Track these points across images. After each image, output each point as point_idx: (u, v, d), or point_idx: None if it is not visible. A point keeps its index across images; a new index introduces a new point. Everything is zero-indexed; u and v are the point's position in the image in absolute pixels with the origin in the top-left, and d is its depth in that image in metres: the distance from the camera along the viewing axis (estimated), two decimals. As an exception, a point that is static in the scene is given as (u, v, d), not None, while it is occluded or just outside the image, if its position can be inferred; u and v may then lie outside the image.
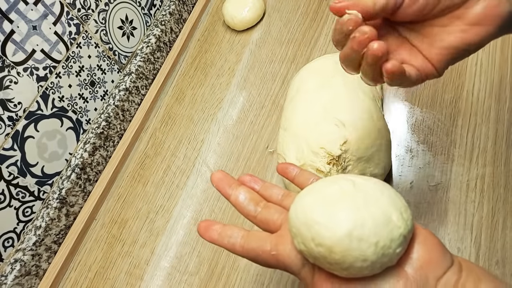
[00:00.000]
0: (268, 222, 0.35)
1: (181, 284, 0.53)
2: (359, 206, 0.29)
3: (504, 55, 0.56)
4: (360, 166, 0.48)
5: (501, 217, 0.45)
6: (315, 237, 0.29)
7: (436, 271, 0.29)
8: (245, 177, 0.40)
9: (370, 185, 0.31)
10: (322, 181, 0.34)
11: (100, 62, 0.69)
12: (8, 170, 0.56)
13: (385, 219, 0.28)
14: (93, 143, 0.65)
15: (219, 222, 0.36)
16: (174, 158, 0.65)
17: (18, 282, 0.55)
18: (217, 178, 0.39)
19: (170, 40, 0.80)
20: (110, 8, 0.70)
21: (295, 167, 0.41)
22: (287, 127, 0.54)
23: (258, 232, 0.35)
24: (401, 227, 0.28)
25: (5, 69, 0.55)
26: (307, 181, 0.39)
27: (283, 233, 0.33)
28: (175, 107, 0.72)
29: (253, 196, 0.38)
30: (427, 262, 0.29)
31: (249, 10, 0.75)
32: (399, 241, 0.28)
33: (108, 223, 0.62)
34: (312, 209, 0.30)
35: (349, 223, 0.28)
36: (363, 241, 0.27)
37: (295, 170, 0.41)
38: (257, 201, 0.37)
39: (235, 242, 0.34)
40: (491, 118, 0.52)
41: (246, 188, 0.38)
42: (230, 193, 0.38)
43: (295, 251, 0.32)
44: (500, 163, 0.48)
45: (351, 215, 0.28)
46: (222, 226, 0.36)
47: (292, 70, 0.68)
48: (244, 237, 0.34)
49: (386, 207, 0.29)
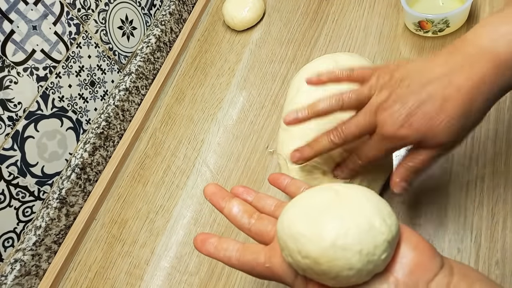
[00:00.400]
0: (262, 234, 0.36)
1: (181, 284, 0.53)
2: (342, 215, 0.29)
3: (504, 55, 0.56)
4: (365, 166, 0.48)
5: (501, 217, 0.45)
6: (301, 250, 0.29)
7: (426, 275, 0.29)
8: (238, 188, 0.40)
9: (353, 193, 0.31)
10: (306, 192, 0.34)
11: (100, 62, 0.69)
12: (8, 170, 0.56)
13: (368, 227, 0.28)
14: (93, 143, 0.65)
15: (215, 235, 0.36)
16: (174, 158, 0.65)
17: (18, 282, 0.55)
18: (210, 192, 0.39)
19: (170, 40, 0.80)
20: (110, 8, 0.70)
21: (286, 176, 0.41)
22: (287, 127, 0.54)
23: (252, 245, 0.35)
24: (384, 233, 0.28)
25: (5, 69, 0.55)
26: (298, 190, 0.39)
27: (275, 245, 0.34)
28: (175, 107, 0.72)
29: (246, 208, 0.38)
30: (416, 266, 0.29)
31: (249, 10, 0.75)
32: (383, 247, 0.28)
33: (108, 223, 0.62)
34: (296, 221, 0.31)
35: (332, 233, 0.28)
36: (347, 250, 0.28)
37: (286, 179, 0.41)
38: (250, 213, 0.37)
39: (231, 256, 0.35)
40: (491, 118, 0.52)
41: (239, 200, 0.38)
42: (223, 205, 0.38)
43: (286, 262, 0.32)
44: (500, 163, 0.48)
45: (334, 225, 0.29)
46: (218, 239, 0.36)
47: (292, 70, 0.68)
48: (239, 250, 0.35)
49: (369, 215, 0.29)
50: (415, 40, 0.62)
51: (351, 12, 0.70)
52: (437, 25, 0.59)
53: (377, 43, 0.65)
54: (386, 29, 0.66)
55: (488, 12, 0.61)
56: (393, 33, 0.65)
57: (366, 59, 0.60)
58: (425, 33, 0.61)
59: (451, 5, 0.61)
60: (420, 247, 0.30)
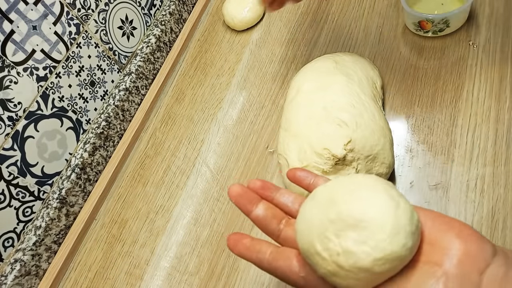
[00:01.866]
0: (291, 241, 0.34)
1: (181, 284, 0.53)
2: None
3: (504, 55, 0.56)
4: (367, 165, 0.48)
5: (501, 217, 0.45)
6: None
7: (478, 264, 0.26)
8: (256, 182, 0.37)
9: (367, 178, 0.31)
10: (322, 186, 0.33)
11: (100, 62, 0.69)
12: (8, 170, 0.56)
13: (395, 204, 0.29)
14: (93, 143, 0.65)
15: (249, 236, 0.35)
16: (174, 158, 0.65)
17: (18, 282, 0.55)
18: (236, 193, 0.36)
19: (170, 40, 0.80)
20: (110, 8, 0.70)
21: (309, 173, 0.38)
22: (288, 127, 0.54)
23: (287, 250, 0.33)
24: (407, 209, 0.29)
25: (5, 69, 0.55)
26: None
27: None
28: (175, 107, 0.72)
29: (275, 213, 0.35)
30: (465, 256, 0.27)
31: (249, 10, 0.75)
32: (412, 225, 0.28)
33: (108, 223, 0.62)
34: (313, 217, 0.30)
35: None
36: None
37: (310, 177, 0.38)
38: (279, 218, 0.35)
39: (263, 258, 0.33)
40: (491, 118, 0.52)
41: (267, 204, 0.36)
42: (250, 209, 0.35)
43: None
44: (500, 163, 0.48)
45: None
46: (251, 240, 0.34)
47: (292, 70, 0.68)
48: (273, 253, 0.33)
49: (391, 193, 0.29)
50: (415, 40, 0.63)
51: (351, 12, 0.70)
52: (437, 25, 0.59)
53: (377, 43, 0.65)
54: (386, 29, 0.66)
55: (488, 12, 0.61)
56: (393, 33, 0.65)
57: (366, 59, 0.60)
58: (425, 33, 0.61)
59: (451, 5, 0.61)
60: (465, 235, 0.28)
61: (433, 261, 0.28)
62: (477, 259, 0.27)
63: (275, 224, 0.35)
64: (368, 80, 0.55)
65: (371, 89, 0.54)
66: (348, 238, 0.28)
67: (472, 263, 0.27)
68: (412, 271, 0.28)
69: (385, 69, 0.61)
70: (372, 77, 0.56)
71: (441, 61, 0.59)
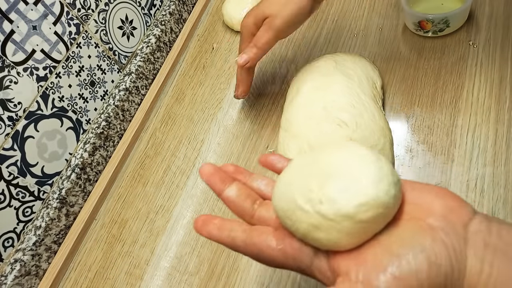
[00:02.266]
0: (267, 221, 0.33)
1: (181, 284, 0.53)
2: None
3: (504, 55, 0.56)
4: None
5: (501, 217, 0.45)
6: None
7: (461, 218, 0.27)
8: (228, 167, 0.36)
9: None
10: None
11: (100, 62, 0.69)
12: (8, 170, 0.56)
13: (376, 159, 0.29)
14: (93, 143, 0.65)
15: (218, 216, 0.33)
16: (174, 158, 0.65)
17: (18, 282, 0.55)
18: (207, 172, 0.34)
19: (170, 40, 0.80)
20: (110, 8, 0.70)
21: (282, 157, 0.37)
22: (288, 127, 0.54)
23: (261, 227, 0.32)
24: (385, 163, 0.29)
25: (5, 69, 0.55)
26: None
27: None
28: (175, 107, 0.72)
29: (249, 193, 0.34)
30: (448, 210, 0.27)
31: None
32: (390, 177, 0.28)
33: (108, 223, 0.62)
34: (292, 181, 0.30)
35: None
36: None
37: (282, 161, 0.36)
38: (253, 199, 0.34)
39: (236, 236, 0.31)
40: (491, 118, 0.52)
41: (241, 184, 0.35)
42: (222, 188, 0.34)
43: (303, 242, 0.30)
44: (500, 163, 0.48)
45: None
46: (222, 219, 0.33)
47: (292, 70, 0.68)
48: (247, 231, 0.32)
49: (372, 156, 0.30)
50: (415, 40, 0.63)
51: (351, 12, 0.70)
52: (437, 25, 0.59)
53: (377, 43, 0.65)
54: (386, 29, 0.66)
55: (488, 12, 0.61)
56: (393, 33, 0.65)
57: (366, 59, 0.60)
58: (425, 33, 0.61)
59: (451, 5, 0.61)
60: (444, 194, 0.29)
61: (417, 217, 0.28)
62: (459, 213, 0.27)
63: (249, 204, 0.33)
64: (368, 80, 0.55)
65: (371, 89, 0.54)
66: (331, 187, 0.28)
67: (455, 217, 0.27)
68: (396, 228, 0.28)
69: (385, 69, 0.61)
70: (372, 77, 0.56)
71: (441, 61, 0.59)
